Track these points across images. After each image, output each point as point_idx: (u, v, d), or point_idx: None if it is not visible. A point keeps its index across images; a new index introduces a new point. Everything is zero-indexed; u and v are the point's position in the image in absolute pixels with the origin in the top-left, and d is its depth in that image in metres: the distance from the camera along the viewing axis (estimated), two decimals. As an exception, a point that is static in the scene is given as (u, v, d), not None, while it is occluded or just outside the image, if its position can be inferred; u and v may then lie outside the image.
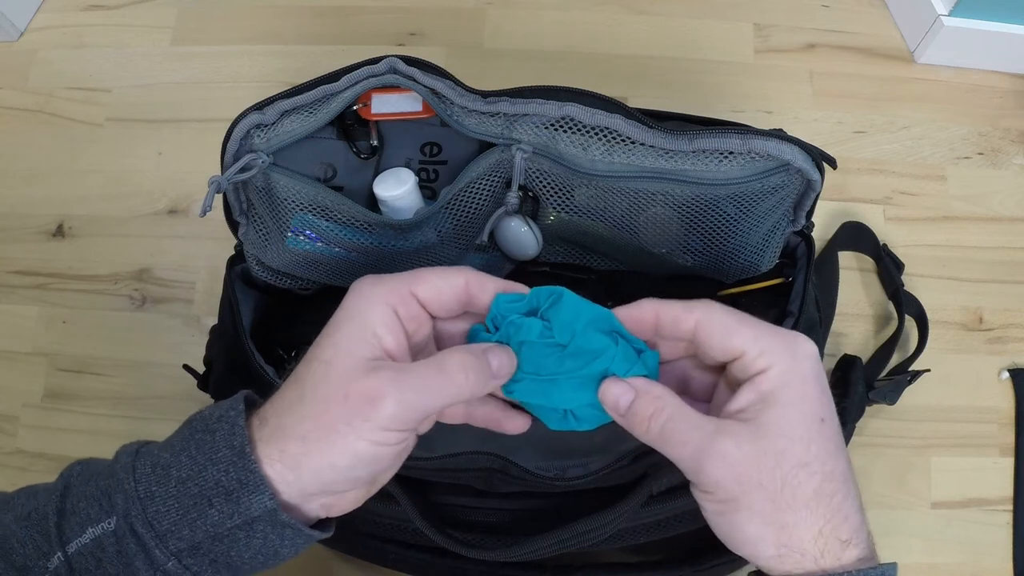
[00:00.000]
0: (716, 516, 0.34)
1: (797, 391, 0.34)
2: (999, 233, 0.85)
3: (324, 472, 0.33)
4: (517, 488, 0.54)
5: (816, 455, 0.33)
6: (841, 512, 0.33)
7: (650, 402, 0.35)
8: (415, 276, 0.36)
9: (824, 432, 0.34)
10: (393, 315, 0.35)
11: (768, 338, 0.35)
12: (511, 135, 0.49)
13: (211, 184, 0.48)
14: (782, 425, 0.33)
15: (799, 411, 0.34)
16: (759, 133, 0.48)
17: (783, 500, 0.33)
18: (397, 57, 0.49)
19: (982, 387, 0.80)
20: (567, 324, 0.36)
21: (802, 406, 0.34)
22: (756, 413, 0.34)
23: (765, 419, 0.33)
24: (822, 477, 0.33)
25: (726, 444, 0.33)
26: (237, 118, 0.49)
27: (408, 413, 0.33)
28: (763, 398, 0.34)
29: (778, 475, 0.33)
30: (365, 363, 0.34)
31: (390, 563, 0.63)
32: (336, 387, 0.33)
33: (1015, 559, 0.74)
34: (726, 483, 0.33)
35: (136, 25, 0.97)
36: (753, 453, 0.33)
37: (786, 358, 0.34)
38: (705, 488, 0.34)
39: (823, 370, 0.35)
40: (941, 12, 0.87)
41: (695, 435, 0.34)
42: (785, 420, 0.33)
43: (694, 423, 0.34)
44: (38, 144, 0.92)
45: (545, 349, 0.37)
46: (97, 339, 0.84)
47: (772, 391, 0.34)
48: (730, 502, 0.33)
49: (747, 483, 0.33)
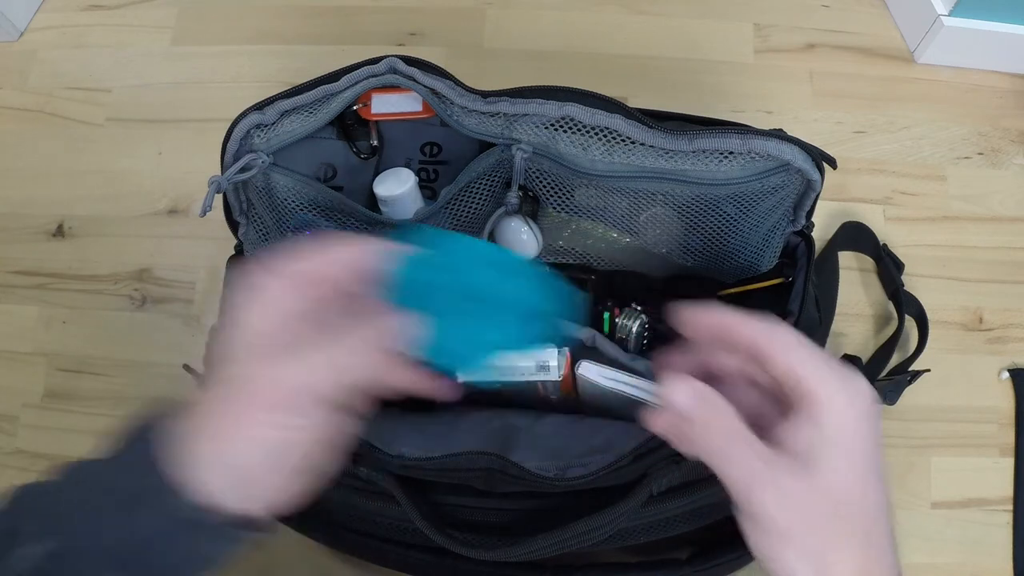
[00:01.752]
0: (759, 542, 0.34)
1: (857, 433, 0.34)
2: (999, 233, 0.85)
3: (235, 467, 0.33)
4: (517, 488, 0.54)
5: (868, 500, 0.34)
6: (882, 554, 0.34)
7: (712, 411, 0.34)
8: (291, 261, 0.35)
9: (878, 475, 0.34)
10: (278, 298, 0.35)
11: (828, 369, 0.34)
12: (511, 135, 0.49)
13: (211, 184, 0.48)
14: (840, 468, 0.33)
15: (859, 455, 0.33)
16: (759, 133, 0.48)
17: (831, 541, 0.33)
18: (397, 57, 0.49)
19: (982, 387, 0.80)
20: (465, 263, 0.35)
21: (862, 449, 0.34)
22: (809, 449, 0.33)
23: (824, 457, 0.33)
24: (872, 521, 0.33)
25: (784, 479, 0.33)
26: (237, 118, 0.49)
27: (294, 396, 0.33)
28: (822, 433, 0.33)
29: (831, 516, 0.33)
30: (247, 348, 0.34)
31: (390, 563, 0.63)
32: (225, 378, 0.33)
33: (1015, 559, 0.74)
34: (778, 518, 0.33)
35: (136, 25, 0.97)
36: (810, 492, 0.33)
37: (843, 394, 0.34)
38: (752, 514, 0.33)
39: (879, 414, 0.35)
40: (941, 12, 0.87)
41: (754, 461, 0.33)
42: (844, 463, 0.33)
43: (754, 448, 0.34)
44: (38, 144, 0.92)
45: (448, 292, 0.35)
46: (97, 339, 0.84)
47: (831, 428, 0.33)
48: (776, 535, 0.33)
49: (800, 522, 0.33)
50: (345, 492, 0.57)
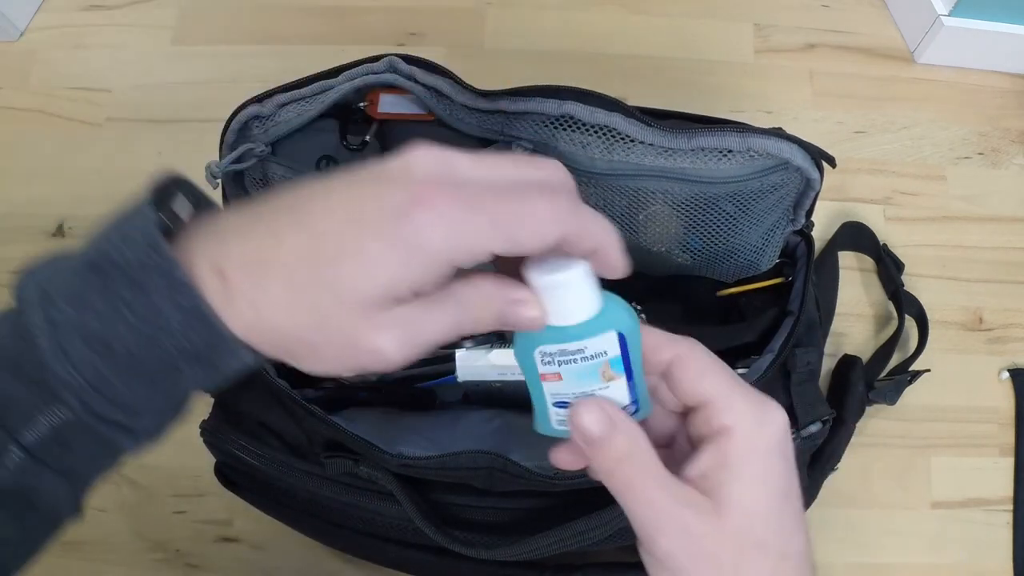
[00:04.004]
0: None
1: (762, 463, 0.32)
2: (999, 233, 0.85)
3: None
4: (517, 487, 0.54)
5: (775, 533, 0.32)
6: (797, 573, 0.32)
7: (626, 443, 0.32)
8: (506, 231, 0.28)
9: (786, 510, 0.32)
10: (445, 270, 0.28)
11: (740, 396, 0.32)
12: (511, 132, 0.49)
13: (206, 169, 0.48)
14: (744, 502, 0.31)
15: (763, 487, 0.32)
16: (758, 131, 0.48)
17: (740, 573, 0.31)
18: (397, 56, 0.49)
19: (982, 387, 0.80)
20: None
21: (766, 480, 0.32)
22: (718, 484, 0.32)
23: (727, 493, 0.31)
24: (779, 557, 0.32)
25: (688, 517, 0.31)
26: (236, 109, 0.49)
27: None
28: (725, 464, 0.32)
29: (734, 555, 0.31)
30: None
31: (390, 562, 0.63)
32: None
33: (1015, 559, 0.74)
34: (679, 556, 0.31)
35: (136, 25, 0.97)
36: (713, 531, 0.31)
37: (752, 422, 0.32)
38: (655, 554, 0.32)
39: (791, 441, 0.33)
40: (941, 12, 0.87)
41: (660, 497, 0.31)
42: (748, 496, 0.32)
43: (662, 483, 0.32)
44: (38, 144, 0.92)
45: None
46: (97, 339, 0.84)
47: (735, 459, 0.32)
48: (678, 572, 0.32)
49: (701, 561, 0.31)
50: (345, 491, 0.57)
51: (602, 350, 0.33)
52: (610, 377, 0.33)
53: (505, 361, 0.54)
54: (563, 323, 0.32)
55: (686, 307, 0.64)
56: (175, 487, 0.78)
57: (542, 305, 0.31)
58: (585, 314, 0.32)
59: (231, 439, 0.58)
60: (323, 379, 0.60)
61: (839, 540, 0.75)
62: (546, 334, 0.32)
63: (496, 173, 0.30)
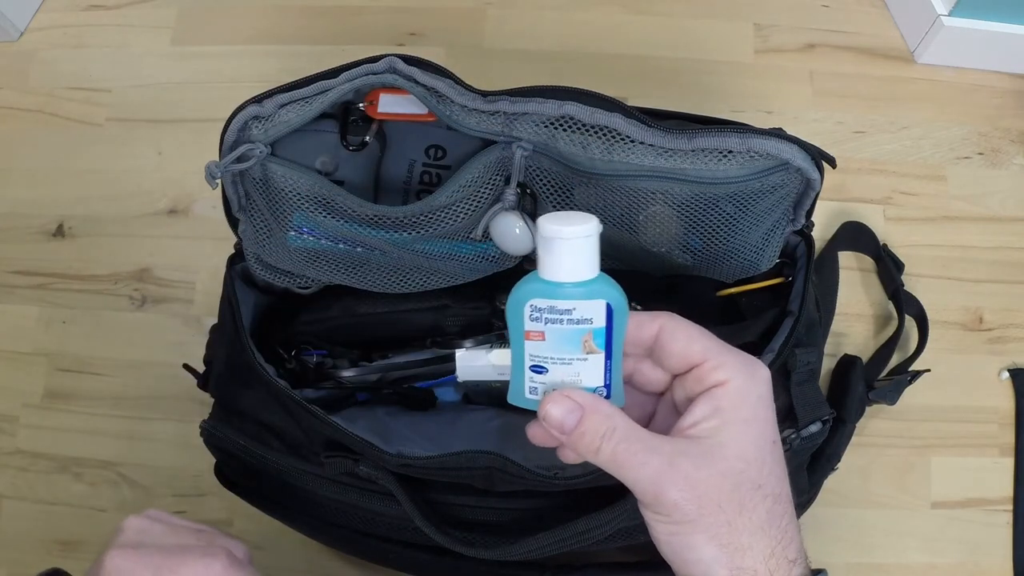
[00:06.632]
0: (669, 537, 0.34)
1: (753, 411, 0.34)
2: (999, 233, 0.85)
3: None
4: (517, 487, 0.54)
5: (768, 477, 0.34)
6: (788, 533, 0.34)
7: (600, 421, 0.34)
8: None
9: (775, 454, 0.34)
10: None
11: (728, 354, 0.35)
12: (511, 133, 0.49)
13: (206, 169, 0.48)
14: (740, 446, 0.33)
15: (755, 432, 0.34)
16: (758, 132, 0.48)
17: (739, 522, 0.33)
18: (397, 56, 0.49)
19: (982, 387, 0.80)
20: None
21: (757, 427, 0.34)
22: (712, 431, 0.33)
23: (722, 439, 0.33)
24: (773, 499, 0.34)
25: (686, 466, 0.33)
26: (236, 110, 0.49)
27: None
28: (719, 413, 0.34)
29: (735, 497, 0.33)
30: None
31: (390, 562, 0.63)
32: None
33: (1015, 559, 0.74)
34: (685, 506, 0.33)
35: (136, 25, 0.97)
36: (713, 475, 0.33)
37: (744, 375, 0.34)
38: (661, 511, 0.33)
39: (772, 394, 0.36)
40: (941, 12, 0.87)
41: (652, 457, 0.33)
42: (743, 440, 0.33)
43: (649, 444, 0.33)
44: (38, 144, 0.92)
45: None
46: (97, 339, 0.84)
47: (729, 407, 0.34)
48: (686, 524, 0.33)
49: (706, 506, 0.33)
50: (345, 491, 0.57)
51: (589, 317, 0.34)
52: (590, 349, 0.34)
53: (505, 361, 0.54)
54: (560, 279, 0.33)
55: (686, 307, 0.64)
56: (175, 487, 0.78)
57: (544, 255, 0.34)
58: (581, 275, 0.34)
59: (231, 439, 0.58)
60: (323, 379, 0.60)
61: (839, 540, 0.75)
62: (541, 287, 0.34)
63: None
